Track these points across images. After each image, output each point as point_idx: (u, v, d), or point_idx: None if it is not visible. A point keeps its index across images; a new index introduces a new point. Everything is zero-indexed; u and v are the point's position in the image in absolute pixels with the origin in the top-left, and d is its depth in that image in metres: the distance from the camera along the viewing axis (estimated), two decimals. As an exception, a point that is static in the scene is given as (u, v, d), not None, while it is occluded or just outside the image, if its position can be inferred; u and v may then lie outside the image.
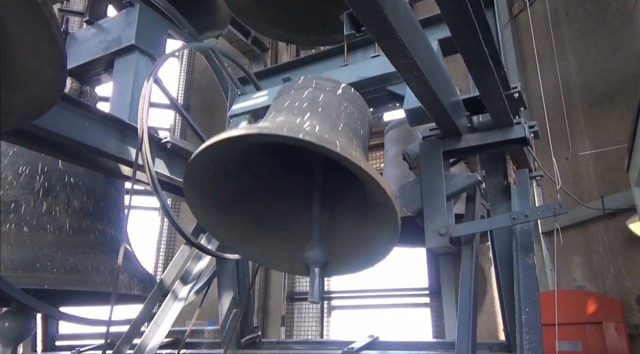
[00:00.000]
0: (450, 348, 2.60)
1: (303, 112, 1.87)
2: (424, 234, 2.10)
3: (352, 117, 2.04)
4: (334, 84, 2.08)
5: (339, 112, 1.97)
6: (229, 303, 3.06)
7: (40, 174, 3.04)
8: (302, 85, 2.08)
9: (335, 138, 1.58)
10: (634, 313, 4.33)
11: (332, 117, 1.91)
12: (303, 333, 7.33)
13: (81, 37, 3.16)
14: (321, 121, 1.85)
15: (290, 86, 2.13)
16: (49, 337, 3.76)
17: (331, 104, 1.98)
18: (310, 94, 2.00)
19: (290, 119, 1.81)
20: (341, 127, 1.90)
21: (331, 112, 1.94)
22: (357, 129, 2.03)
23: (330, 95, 2.02)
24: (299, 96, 2.01)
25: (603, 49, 5.05)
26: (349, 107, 2.05)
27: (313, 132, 1.54)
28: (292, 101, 1.98)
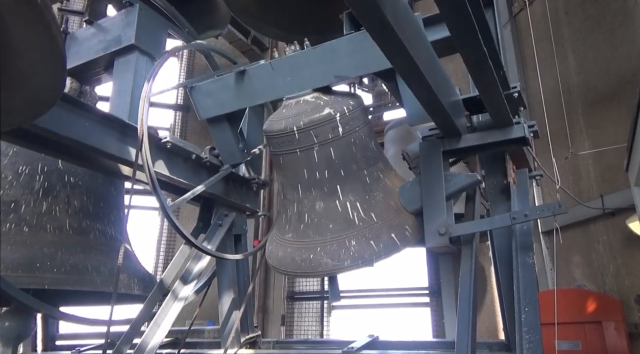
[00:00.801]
0: (450, 347, 2.60)
1: (332, 187, 2.04)
2: (424, 234, 2.10)
3: (363, 142, 2.13)
4: (332, 124, 2.10)
5: (354, 155, 2.08)
6: (229, 302, 3.06)
7: (40, 174, 3.04)
8: (303, 142, 2.11)
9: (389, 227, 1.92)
10: (633, 312, 4.33)
11: (354, 171, 2.02)
12: (303, 333, 7.34)
13: (81, 37, 3.15)
14: (352, 189, 2.04)
15: (290, 142, 2.15)
16: (49, 337, 3.76)
17: (344, 154, 2.09)
18: (321, 153, 2.07)
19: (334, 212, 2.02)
20: (367, 178, 2.09)
21: (351, 164, 2.07)
22: (371, 146, 2.14)
23: (337, 142, 2.09)
24: (311, 160, 2.09)
25: (603, 49, 5.05)
26: (356, 138, 2.11)
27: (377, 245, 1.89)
28: (310, 170, 2.09)
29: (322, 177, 2.08)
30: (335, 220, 2.05)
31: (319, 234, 2.05)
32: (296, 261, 2.03)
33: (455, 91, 2.11)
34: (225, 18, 4.78)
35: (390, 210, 2.09)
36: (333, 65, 2.36)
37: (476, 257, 2.19)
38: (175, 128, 8.59)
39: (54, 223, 2.96)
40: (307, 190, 2.12)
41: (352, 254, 1.91)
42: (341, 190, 2.06)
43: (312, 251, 2.01)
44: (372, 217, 2.04)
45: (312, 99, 2.28)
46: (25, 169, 3.02)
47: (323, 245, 2.00)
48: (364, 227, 2.00)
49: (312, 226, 2.08)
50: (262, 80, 2.58)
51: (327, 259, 1.93)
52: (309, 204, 2.12)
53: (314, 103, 2.24)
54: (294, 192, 2.19)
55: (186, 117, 8.63)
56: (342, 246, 1.96)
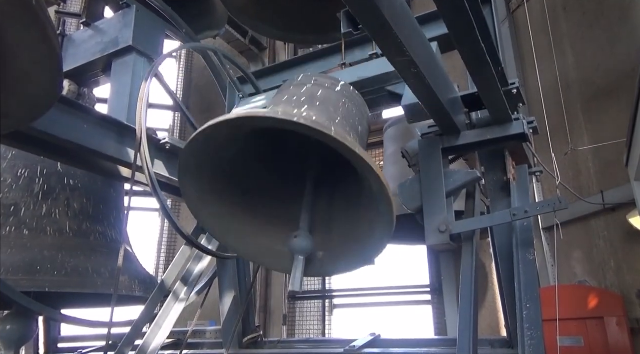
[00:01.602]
0: (452, 344, 2.60)
1: (300, 104, 1.86)
2: (424, 232, 2.10)
3: (350, 113, 2.03)
4: (333, 81, 2.07)
5: (337, 107, 1.96)
6: (230, 303, 3.06)
7: (39, 176, 3.04)
8: (301, 81, 2.07)
9: (330, 126, 1.57)
10: (635, 308, 4.33)
11: (329, 110, 1.90)
12: (305, 332, 7.34)
13: (78, 39, 3.15)
14: (318, 112, 1.84)
15: (289, 83, 2.12)
16: (51, 339, 3.77)
17: (329, 99, 1.97)
18: (309, 89, 1.99)
19: (287, 109, 1.80)
20: (338, 120, 1.89)
21: (329, 106, 1.93)
22: (354, 125, 2.02)
23: (329, 91, 2.01)
24: (298, 90, 2.00)
25: (601, 44, 5.05)
26: (347, 104, 2.04)
27: (309, 118, 1.54)
28: (291, 95, 1.98)
29: (298, 99, 1.91)
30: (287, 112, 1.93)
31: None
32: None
33: (454, 88, 2.11)
34: (222, 18, 4.77)
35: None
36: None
37: (477, 255, 2.19)
38: (174, 129, 8.59)
39: (54, 226, 2.96)
40: (274, 104, 2.01)
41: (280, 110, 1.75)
42: (307, 108, 1.95)
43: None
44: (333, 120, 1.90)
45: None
46: (25, 172, 3.02)
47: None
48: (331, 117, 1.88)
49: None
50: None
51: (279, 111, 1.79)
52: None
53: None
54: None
55: (185, 118, 8.62)
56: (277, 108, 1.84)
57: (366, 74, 2.44)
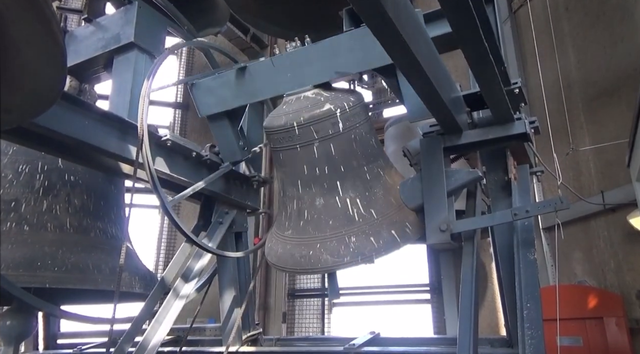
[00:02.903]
0: (451, 343, 2.60)
1: (332, 184, 2.03)
2: (425, 231, 2.10)
3: (364, 139, 2.12)
4: (333, 120, 2.10)
5: (354, 151, 2.07)
6: (230, 300, 3.06)
7: (40, 172, 3.04)
8: (303, 138, 2.10)
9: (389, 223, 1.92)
10: (634, 308, 4.34)
11: (354, 168, 2.01)
12: (304, 330, 7.34)
13: (80, 35, 3.14)
14: (352, 186, 2.02)
15: (290, 138, 2.14)
16: (51, 335, 3.77)
17: (345, 150, 2.08)
18: (321, 149, 2.07)
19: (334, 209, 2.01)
20: (368, 174, 2.08)
21: (351, 161, 2.06)
22: (371, 143, 2.13)
23: (337, 138, 2.08)
24: (311, 156, 2.08)
25: (603, 44, 5.04)
26: (357, 134, 2.10)
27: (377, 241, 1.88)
28: (310, 166, 2.08)
29: (322, 173, 2.07)
30: (335, 216, 2.04)
31: (319, 231, 2.04)
32: (295, 258, 2.03)
33: (456, 87, 2.11)
34: (224, 16, 4.76)
35: (390, 207, 2.08)
36: (334, 61, 2.36)
37: (477, 254, 2.19)
38: (175, 126, 8.58)
39: (54, 222, 2.96)
40: (307, 186, 2.11)
41: (352, 251, 1.91)
42: (341, 186, 2.05)
43: (312, 248, 2.01)
44: (372, 213, 2.03)
45: (312, 95, 2.27)
46: (26, 168, 3.02)
47: (322, 241, 1.99)
48: (364, 224, 1.99)
49: (311, 223, 2.07)
50: (262, 77, 2.58)
51: (326, 256, 1.93)
52: (309, 200, 2.12)
53: (315, 99, 2.24)
54: (294, 189, 2.18)
55: (186, 115, 8.62)
56: (342, 242, 1.95)
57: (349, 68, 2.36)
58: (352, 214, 2.02)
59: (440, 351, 2.63)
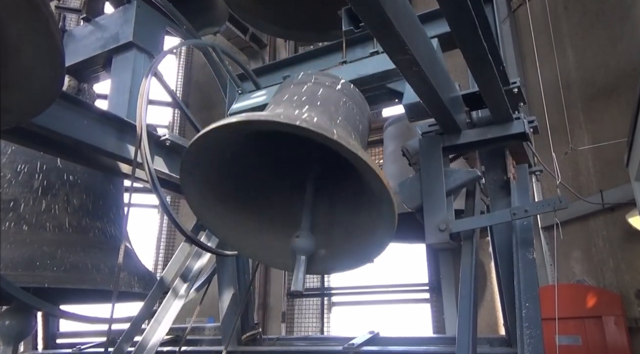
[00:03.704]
0: (450, 343, 2.61)
1: (301, 104, 1.86)
2: (424, 230, 2.10)
3: (351, 112, 2.03)
4: (334, 80, 2.07)
5: (338, 106, 1.96)
6: (229, 299, 3.06)
7: (39, 172, 3.04)
8: (301, 80, 2.06)
9: (332, 128, 1.57)
10: (633, 307, 4.35)
11: (330, 110, 1.90)
12: (303, 329, 7.35)
13: (78, 35, 3.14)
14: (319, 113, 1.84)
15: (289, 81, 2.11)
16: (50, 335, 3.77)
17: (330, 98, 1.97)
18: (310, 88, 1.99)
19: (288, 111, 1.80)
20: (339, 121, 1.88)
21: (330, 105, 1.92)
22: (355, 124, 2.02)
23: (330, 90, 2.01)
24: (298, 90, 1.99)
25: (602, 44, 5.04)
26: (348, 102, 2.04)
27: (311, 121, 1.54)
28: (291, 94, 1.97)
29: (298, 99, 1.92)
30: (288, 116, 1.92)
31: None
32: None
33: (455, 87, 2.10)
34: (223, 15, 4.76)
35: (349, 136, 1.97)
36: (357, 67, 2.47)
37: (476, 253, 2.19)
38: (174, 125, 8.58)
39: (53, 222, 2.96)
40: (275, 104, 1.99)
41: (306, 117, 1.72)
42: (308, 108, 1.93)
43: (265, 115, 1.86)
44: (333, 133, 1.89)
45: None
46: (24, 168, 3.02)
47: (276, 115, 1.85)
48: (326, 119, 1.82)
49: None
50: None
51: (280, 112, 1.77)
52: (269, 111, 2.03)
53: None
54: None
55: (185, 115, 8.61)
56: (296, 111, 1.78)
57: (366, 71, 2.43)
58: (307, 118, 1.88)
59: (439, 350, 2.64)
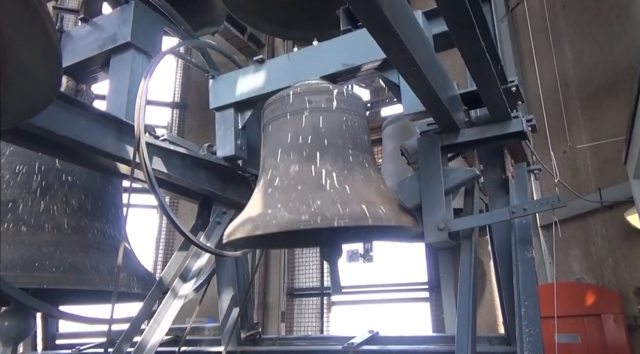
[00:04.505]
0: (450, 341, 2.61)
1: (312, 153, 1.94)
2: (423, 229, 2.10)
3: (355, 128, 2.08)
4: (327, 95, 2.08)
5: (343, 132, 2.02)
6: (228, 299, 3.06)
7: (37, 173, 3.03)
8: (295, 106, 2.08)
9: (361, 205, 1.77)
10: (632, 305, 4.35)
11: (339, 145, 1.96)
12: (303, 329, 7.35)
13: (76, 35, 3.14)
14: (332, 160, 1.93)
15: (283, 106, 2.12)
16: (49, 336, 3.76)
17: (333, 129, 2.03)
18: (309, 119, 2.03)
19: (306, 176, 1.91)
20: (351, 157, 1.99)
21: (337, 139, 1.99)
22: (362, 138, 2.11)
23: (329, 114, 2.04)
24: (298, 124, 2.03)
25: (600, 42, 5.05)
26: (348, 119, 2.08)
27: (344, 212, 1.73)
28: (295, 134, 2.02)
29: (304, 142, 1.97)
30: (305, 183, 1.90)
31: (284, 195, 1.89)
32: (253, 220, 1.86)
33: (453, 86, 2.11)
34: (221, 15, 4.75)
35: (367, 191, 1.95)
36: (341, 55, 2.41)
37: (475, 252, 2.19)
38: (172, 126, 8.57)
39: (52, 222, 2.95)
40: (286, 154, 2.02)
41: (313, 211, 1.74)
42: (320, 158, 1.93)
43: (271, 208, 1.85)
44: (345, 188, 1.87)
45: (315, 82, 2.31)
46: (22, 169, 3.01)
47: (284, 202, 1.83)
48: (334, 194, 1.84)
49: (279, 188, 1.94)
50: (276, 71, 2.62)
51: (284, 213, 1.76)
52: (284, 168, 2.00)
53: (316, 82, 2.31)
54: (272, 159, 2.09)
55: (183, 115, 8.60)
56: (304, 203, 1.79)
57: (354, 61, 2.38)
58: (324, 184, 1.88)
59: (438, 349, 2.64)
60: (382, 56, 2.23)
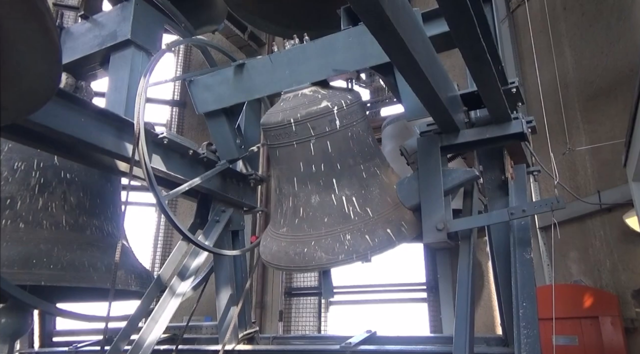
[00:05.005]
0: (447, 342, 2.61)
1: (328, 181, 2.03)
2: (422, 229, 2.10)
3: (360, 137, 2.12)
4: (329, 117, 2.10)
5: (351, 149, 2.07)
6: (226, 298, 3.05)
7: (35, 170, 3.02)
8: (300, 134, 2.12)
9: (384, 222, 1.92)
10: (629, 307, 4.35)
11: (351, 166, 2.02)
12: (301, 328, 7.35)
13: (76, 32, 3.13)
14: (349, 183, 2.03)
15: (287, 134, 2.15)
16: (46, 333, 3.76)
17: (341, 148, 2.08)
18: (317, 146, 2.07)
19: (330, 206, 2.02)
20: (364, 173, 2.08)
21: (348, 159, 2.05)
22: (368, 142, 2.14)
23: (334, 135, 2.08)
24: (307, 153, 2.09)
25: (600, 44, 5.05)
26: (353, 132, 2.11)
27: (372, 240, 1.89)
28: (306, 163, 2.09)
29: (318, 170, 2.07)
30: (330, 214, 2.03)
31: (314, 228, 2.04)
32: (289, 255, 2.03)
33: (453, 86, 2.10)
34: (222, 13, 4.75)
35: (386, 205, 2.08)
36: (331, 59, 2.37)
37: (474, 253, 2.19)
38: (172, 124, 8.56)
39: (50, 219, 2.94)
40: (303, 183, 2.11)
41: (347, 248, 1.91)
42: (337, 184, 2.05)
43: (306, 245, 2.00)
44: (367, 212, 2.02)
45: (310, 93, 2.29)
46: (21, 165, 3.00)
47: (317, 239, 1.99)
48: (359, 222, 1.99)
49: (306, 220, 2.07)
50: (260, 74, 2.58)
51: (320, 253, 1.93)
52: (304, 197, 2.11)
53: (312, 96, 2.25)
54: (290, 186, 2.18)
55: (183, 113, 8.60)
56: (337, 240, 1.95)
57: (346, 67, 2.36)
58: (348, 212, 2.02)
59: (436, 349, 2.64)
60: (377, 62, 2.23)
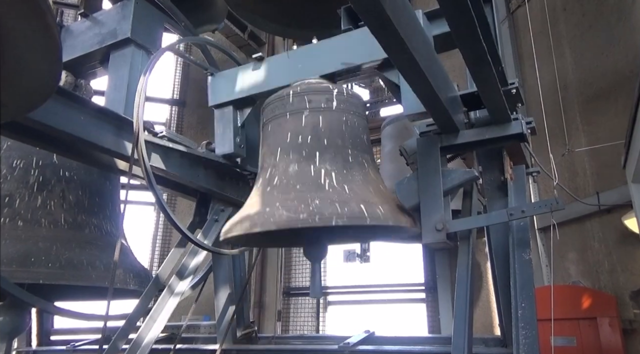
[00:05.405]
0: (445, 343, 2.61)
1: (311, 153, 1.96)
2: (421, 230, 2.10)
3: (354, 128, 2.09)
4: (327, 95, 2.08)
5: (342, 132, 2.03)
6: (225, 298, 3.05)
7: (34, 168, 3.02)
8: (295, 106, 2.09)
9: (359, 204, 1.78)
10: (628, 309, 4.36)
11: (338, 145, 1.97)
12: (299, 328, 7.35)
13: (76, 30, 3.12)
14: (332, 160, 1.95)
15: (282, 105, 2.13)
16: (44, 332, 3.75)
17: (333, 128, 2.04)
18: (309, 119, 2.03)
19: (305, 175, 1.92)
20: (351, 157, 2.01)
21: (337, 139, 2.01)
22: (362, 138, 2.11)
23: (329, 114, 2.05)
24: (298, 124, 2.04)
25: (600, 45, 5.05)
26: (348, 119, 2.08)
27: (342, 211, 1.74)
28: (294, 133, 2.03)
29: (304, 141, 1.99)
30: (305, 182, 1.92)
31: (283, 193, 1.91)
32: (251, 218, 1.86)
33: (453, 87, 2.10)
34: (222, 12, 4.74)
35: (366, 192, 1.95)
36: (342, 54, 2.40)
37: (473, 254, 2.19)
38: (171, 123, 8.56)
39: (48, 218, 2.94)
40: (285, 153, 2.03)
41: (311, 210, 1.75)
42: (319, 157, 1.96)
43: (269, 206, 1.86)
44: (344, 188, 1.89)
45: (315, 81, 2.31)
46: (20, 163, 3.00)
47: (283, 201, 1.84)
48: (333, 193, 1.86)
49: (278, 187, 1.95)
50: (276, 69, 2.61)
51: (282, 211, 1.77)
52: (283, 167, 2.01)
53: (316, 82, 2.30)
54: (271, 158, 2.09)
55: (182, 112, 8.60)
56: (303, 202, 1.80)
57: (354, 60, 2.38)
58: (323, 183, 1.89)
59: (434, 350, 2.64)
60: (382, 56, 2.23)
